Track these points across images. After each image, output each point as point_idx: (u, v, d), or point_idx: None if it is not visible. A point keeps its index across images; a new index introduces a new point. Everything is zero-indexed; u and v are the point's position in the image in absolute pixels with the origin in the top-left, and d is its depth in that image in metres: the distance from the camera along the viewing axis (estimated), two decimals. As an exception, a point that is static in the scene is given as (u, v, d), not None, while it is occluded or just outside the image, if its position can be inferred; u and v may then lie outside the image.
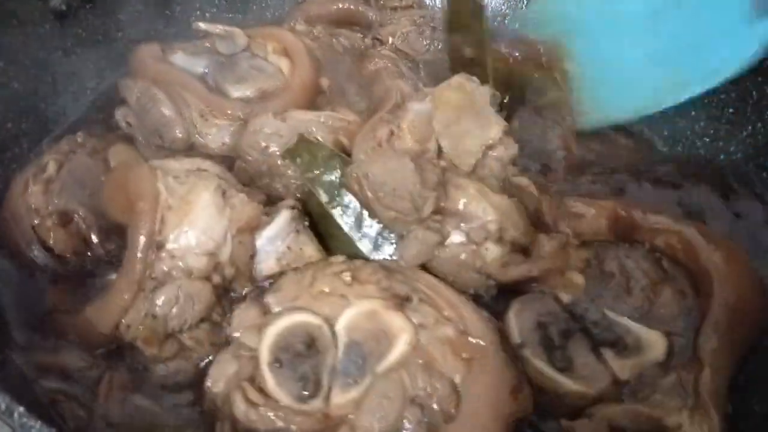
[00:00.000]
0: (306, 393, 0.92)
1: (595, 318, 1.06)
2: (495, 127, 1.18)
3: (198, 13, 1.70)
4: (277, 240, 1.10)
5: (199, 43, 1.44)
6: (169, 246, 1.03)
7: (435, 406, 0.91)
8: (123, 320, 1.04)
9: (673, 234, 1.10)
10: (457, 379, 0.93)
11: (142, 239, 1.02)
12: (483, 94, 1.21)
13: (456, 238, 1.11)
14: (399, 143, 1.13)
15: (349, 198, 1.14)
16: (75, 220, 1.21)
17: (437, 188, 1.10)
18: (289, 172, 1.21)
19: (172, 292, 1.03)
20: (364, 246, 1.13)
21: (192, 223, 1.03)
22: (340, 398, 0.92)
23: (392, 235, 1.12)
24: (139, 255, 1.02)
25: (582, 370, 1.02)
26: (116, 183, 1.11)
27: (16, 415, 0.84)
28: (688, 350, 1.02)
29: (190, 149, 1.31)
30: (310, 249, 1.12)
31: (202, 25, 1.45)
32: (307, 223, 1.15)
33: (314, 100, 1.40)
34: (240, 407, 0.91)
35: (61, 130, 1.46)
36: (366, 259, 1.11)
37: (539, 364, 1.02)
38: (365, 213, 1.13)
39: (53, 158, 1.26)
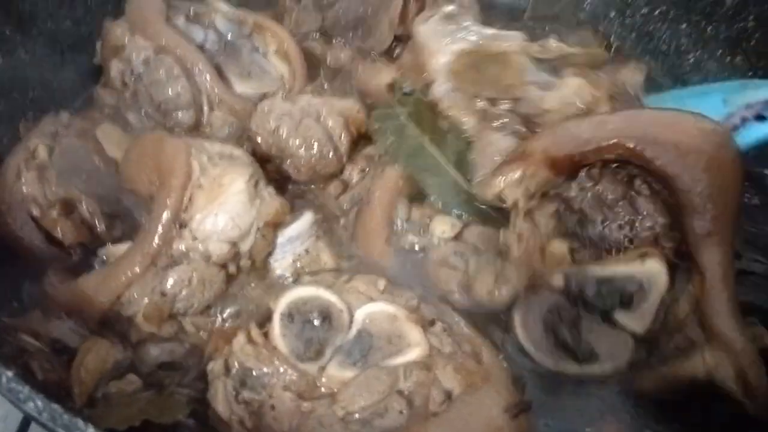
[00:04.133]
0: (306, 353, 0.94)
1: (590, 291, 1.02)
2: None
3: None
4: (297, 240, 1.10)
5: (200, 9, 1.39)
6: (193, 226, 1.01)
7: (421, 404, 0.92)
8: (126, 293, 1.01)
9: (612, 146, 1.02)
10: (454, 392, 0.93)
11: (168, 214, 1.00)
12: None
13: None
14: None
15: None
16: (78, 209, 1.17)
17: None
18: (301, 151, 1.20)
19: (186, 274, 1.01)
20: None
21: (222, 207, 1.02)
22: (335, 373, 0.94)
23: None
24: (160, 229, 1.00)
25: (605, 348, 1.00)
26: (145, 152, 1.09)
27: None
28: (685, 263, 1.00)
29: (189, 132, 1.28)
30: (326, 256, 1.12)
31: (223, 6, 1.41)
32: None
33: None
34: (240, 340, 0.95)
35: (69, 103, 1.43)
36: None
37: (569, 367, 1.01)
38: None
39: (42, 142, 1.21)
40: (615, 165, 1.06)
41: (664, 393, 1.02)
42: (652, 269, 1.00)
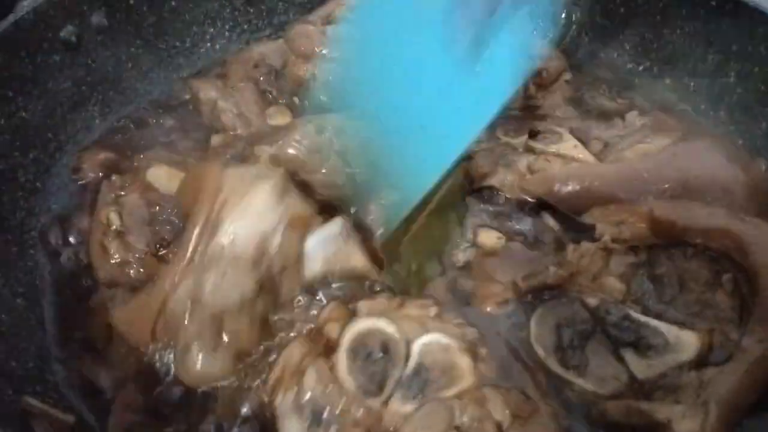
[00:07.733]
0: (371, 388, 0.96)
1: (615, 320, 1.07)
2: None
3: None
4: (327, 243, 1.11)
5: None
6: (223, 228, 1.05)
7: None
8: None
9: (720, 233, 1.11)
10: (504, 426, 0.95)
11: (199, 226, 1.05)
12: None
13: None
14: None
15: None
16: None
17: None
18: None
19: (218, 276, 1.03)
20: None
21: (246, 210, 1.05)
22: (397, 407, 0.96)
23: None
24: (194, 240, 1.05)
25: (597, 370, 1.04)
26: (189, 180, 1.20)
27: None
28: (727, 349, 1.02)
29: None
30: (358, 257, 1.12)
31: None
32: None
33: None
34: (312, 375, 0.96)
35: (68, 160, 1.44)
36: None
37: (551, 364, 1.05)
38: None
39: (110, 210, 1.24)
40: (712, 255, 1.14)
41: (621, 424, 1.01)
42: (686, 338, 1.05)
